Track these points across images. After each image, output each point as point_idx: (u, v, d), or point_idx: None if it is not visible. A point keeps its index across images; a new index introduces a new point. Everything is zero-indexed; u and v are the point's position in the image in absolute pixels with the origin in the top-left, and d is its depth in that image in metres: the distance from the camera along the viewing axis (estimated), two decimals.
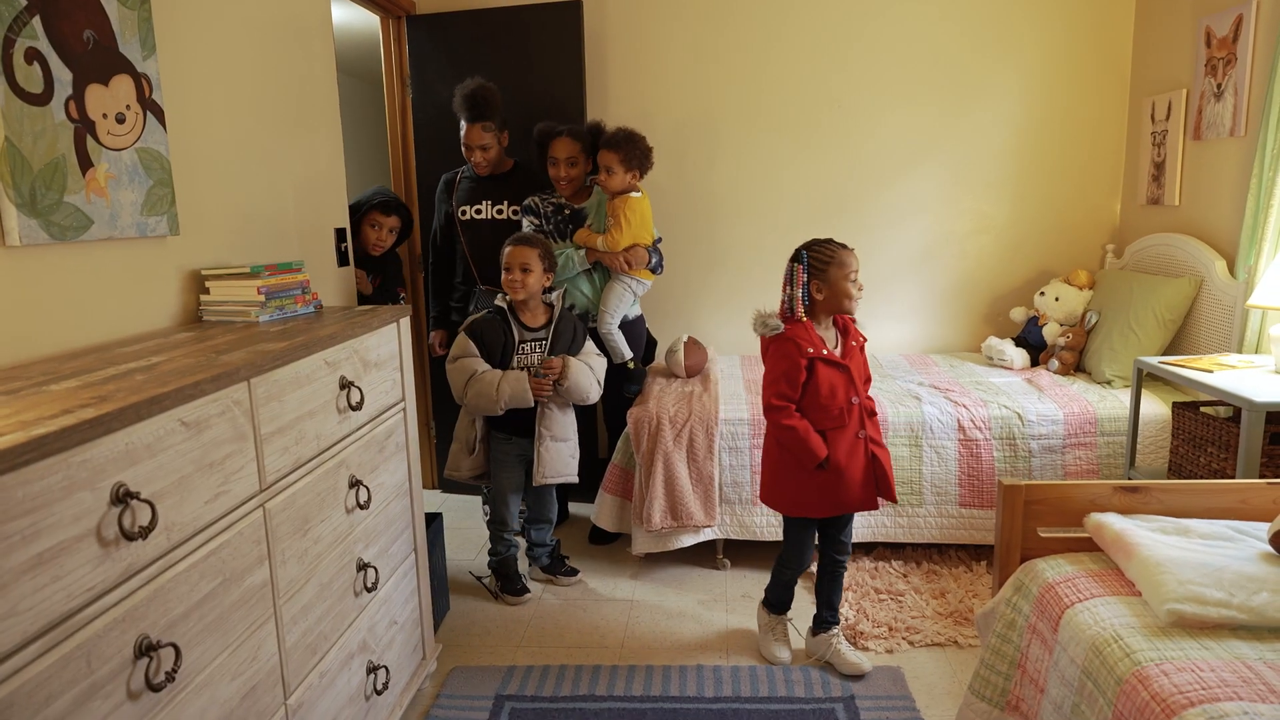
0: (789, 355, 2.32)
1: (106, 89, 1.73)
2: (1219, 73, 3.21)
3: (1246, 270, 2.90)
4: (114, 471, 1.18)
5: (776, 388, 2.34)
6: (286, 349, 1.65)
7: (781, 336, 2.34)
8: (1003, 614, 1.89)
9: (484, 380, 2.77)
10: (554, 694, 2.40)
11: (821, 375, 2.32)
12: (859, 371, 2.41)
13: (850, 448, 2.35)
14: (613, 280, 3.31)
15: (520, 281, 2.81)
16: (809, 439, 2.31)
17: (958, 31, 3.89)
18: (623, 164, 3.18)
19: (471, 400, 2.79)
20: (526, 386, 2.78)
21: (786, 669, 2.49)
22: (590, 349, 3.01)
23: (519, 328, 2.88)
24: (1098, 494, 1.91)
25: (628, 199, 3.21)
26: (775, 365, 2.35)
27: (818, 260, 2.34)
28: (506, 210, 3.44)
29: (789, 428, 2.31)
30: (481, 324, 2.87)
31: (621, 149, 3.18)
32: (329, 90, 2.72)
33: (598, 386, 2.95)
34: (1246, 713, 1.29)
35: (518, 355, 2.87)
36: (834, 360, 2.34)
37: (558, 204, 3.30)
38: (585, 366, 2.90)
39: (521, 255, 2.81)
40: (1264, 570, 1.61)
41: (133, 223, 1.80)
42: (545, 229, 3.27)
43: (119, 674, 1.19)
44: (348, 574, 1.91)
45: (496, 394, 2.75)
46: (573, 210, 3.30)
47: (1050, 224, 4.02)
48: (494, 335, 2.85)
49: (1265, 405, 2.27)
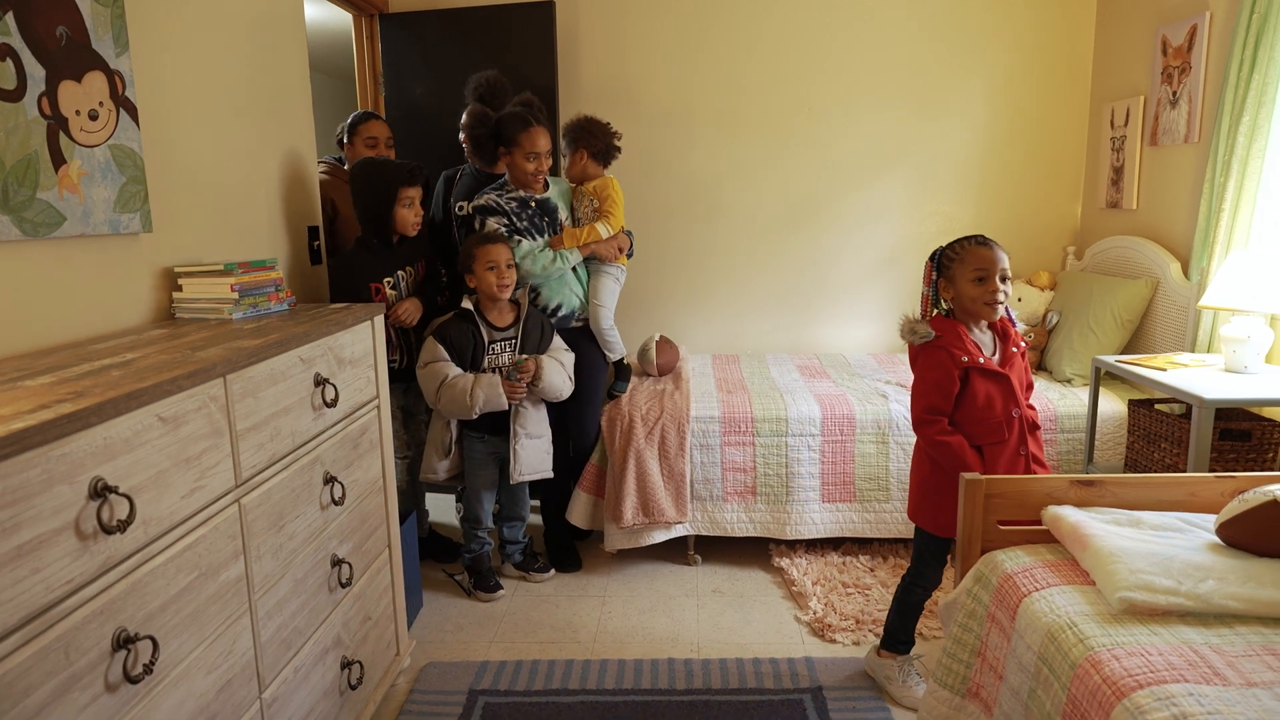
0: (941, 364, 2.11)
1: (79, 85, 1.73)
2: (1175, 80, 3.31)
3: (1199, 272, 2.99)
4: (92, 466, 1.19)
5: (927, 400, 2.13)
6: (262, 346, 1.66)
7: (932, 344, 2.13)
8: (964, 604, 1.94)
9: (456, 386, 2.76)
10: (527, 688, 2.43)
11: (977, 385, 2.11)
12: (1020, 380, 2.19)
13: (1010, 464, 2.14)
14: (598, 273, 3.19)
15: (509, 280, 2.81)
16: (964, 455, 2.10)
17: (926, 39, 3.97)
18: (592, 156, 3.13)
19: (445, 405, 2.79)
20: (500, 391, 2.78)
21: (756, 661, 2.54)
22: (559, 345, 3.02)
23: (487, 328, 2.87)
24: (1055, 488, 1.98)
25: (609, 180, 3.14)
26: (925, 375, 2.14)
27: (946, 257, 2.15)
28: None
29: (942, 444, 2.11)
30: (449, 327, 2.84)
31: (596, 139, 3.11)
32: (302, 88, 2.72)
33: (569, 382, 2.97)
34: (1191, 694, 1.35)
35: (488, 356, 2.86)
36: (991, 369, 2.12)
37: (521, 199, 3.03)
38: (557, 364, 2.91)
39: (504, 253, 2.81)
40: (1210, 559, 1.67)
41: (106, 220, 1.80)
42: (517, 227, 3.01)
43: (97, 666, 1.20)
44: (322, 570, 1.93)
45: (470, 400, 2.75)
46: (539, 203, 3.06)
47: (1013, 226, 4.11)
48: (462, 338, 2.83)
49: (1214, 402, 2.36)
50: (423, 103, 3.77)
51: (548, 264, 3.02)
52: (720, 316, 4.27)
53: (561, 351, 2.99)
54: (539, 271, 3.01)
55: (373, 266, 2.77)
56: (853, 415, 3.14)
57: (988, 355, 2.16)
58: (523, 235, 3.00)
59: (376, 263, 2.78)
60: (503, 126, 2.97)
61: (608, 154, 3.16)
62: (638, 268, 4.06)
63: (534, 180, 3.02)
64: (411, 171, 2.77)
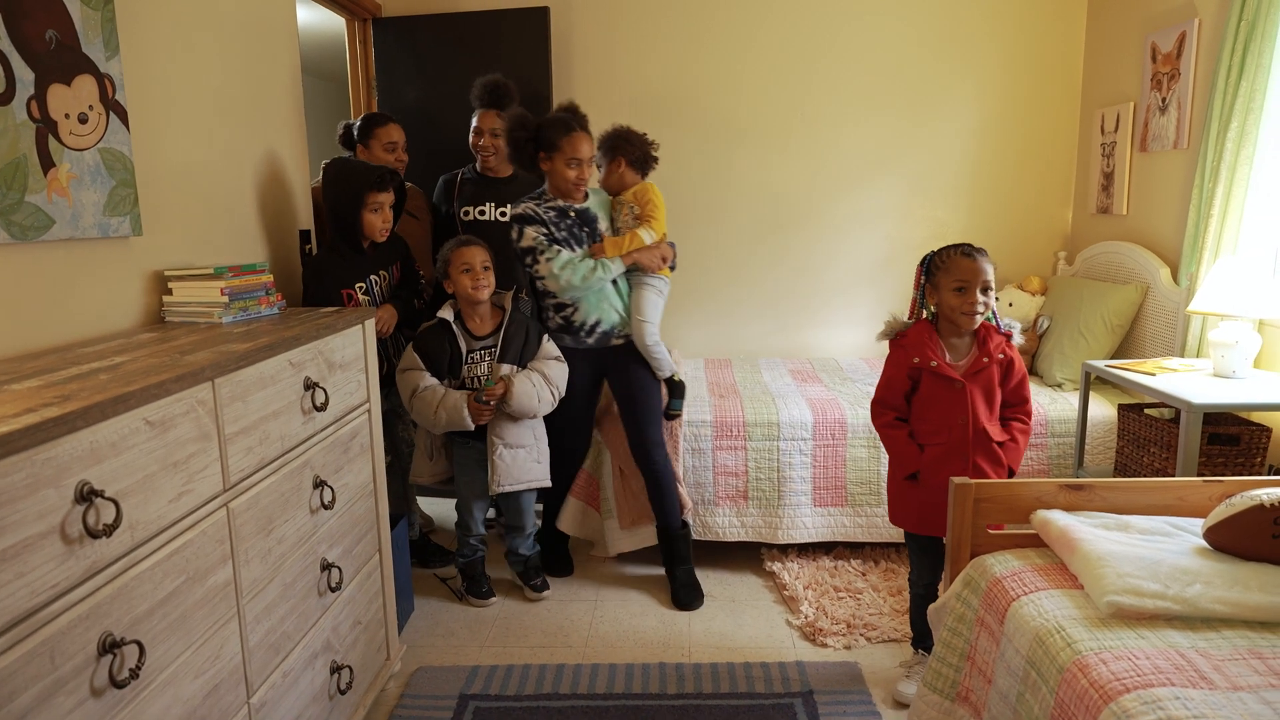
0: (895, 361, 2.27)
1: (69, 89, 1.73)
2: (1164, 87, 3.33)
3: (1188, 277, 3.01)
4: (78, 470, 1.19)
5: (879, 392, 2.32)
6: (251, 350, 1.66)
7: (893, 342, 2.29)
8: (953, 608, 1.95)
9: (423, 399, 2.70)
10: (518, 693, 2.42)
11: (925, 387, 2.22)
12: (985, 390, 2.23)
13: (941, 465, 2.22)
14: (640, 286, 2.96)
15: (486, 282, 2.76)
16: (903, 449, 2.25)
17: (918, 45, 3.99)
18: (630, 164, 2.97)
19: (415, 416, 2.77)
20: (464, 414, 2.69)
21: (747, 665, 2.54)
22: (548, 353, 2.88)
23: (466, 337, 2.79)
24: (1044, 492, 1.98)
25: (649, 185, 2.98)
26: (884, 370, 2.32)
27: (933, 264, 2.23)
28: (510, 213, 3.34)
29: (883, 433, 2.31)
30: (425, 337, 2.78)
31: (634, 146, 2.96)
32: (293, 91, 2.72)
33: (551, 398, 2.83)
34: (1178, 697, 1.35)
35: (466, 365, 2.78)
36: (945, 374, 2.20)
37: (559, 208, 2.85)
38: (529, 384, 2.77)
39: (479, 255, 2.75)
40: (1198, 563, 1.68)
41: (95, 223, 1.80)
42: (556, 236, 2.81)
43: (83, 670, 1.20)
44: (312, 574, 1.92)
45: (434, 417, 2.70)
46: (578, 213, 2.87)
47: (1004, 232, 4.13)
48: (437, 348, 2.75)
49: (1203, 407, 2.37)
50: (416, 107, 3.77)
51: (588, 274, 2.81)
52: (713, 320, 4.27)
53: (549, 362, 2.86)
54: (579, 282, 2.81)
55: (344, 272, 2.66)
56: (844, 420, 3.14)
57: (954, 361, 2.24)
58: (561, 246, 2.82)
59: (347, 268, 2.67)
60: (544, 131, 2.80)
61: (645, 162, 3.00)
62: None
63: (575, 188, 2.83)
64: (381, 176, 2.65)
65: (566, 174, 2.80)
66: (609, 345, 2.96)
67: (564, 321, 2.93)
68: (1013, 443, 2.28)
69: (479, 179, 3.32)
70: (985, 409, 2.24)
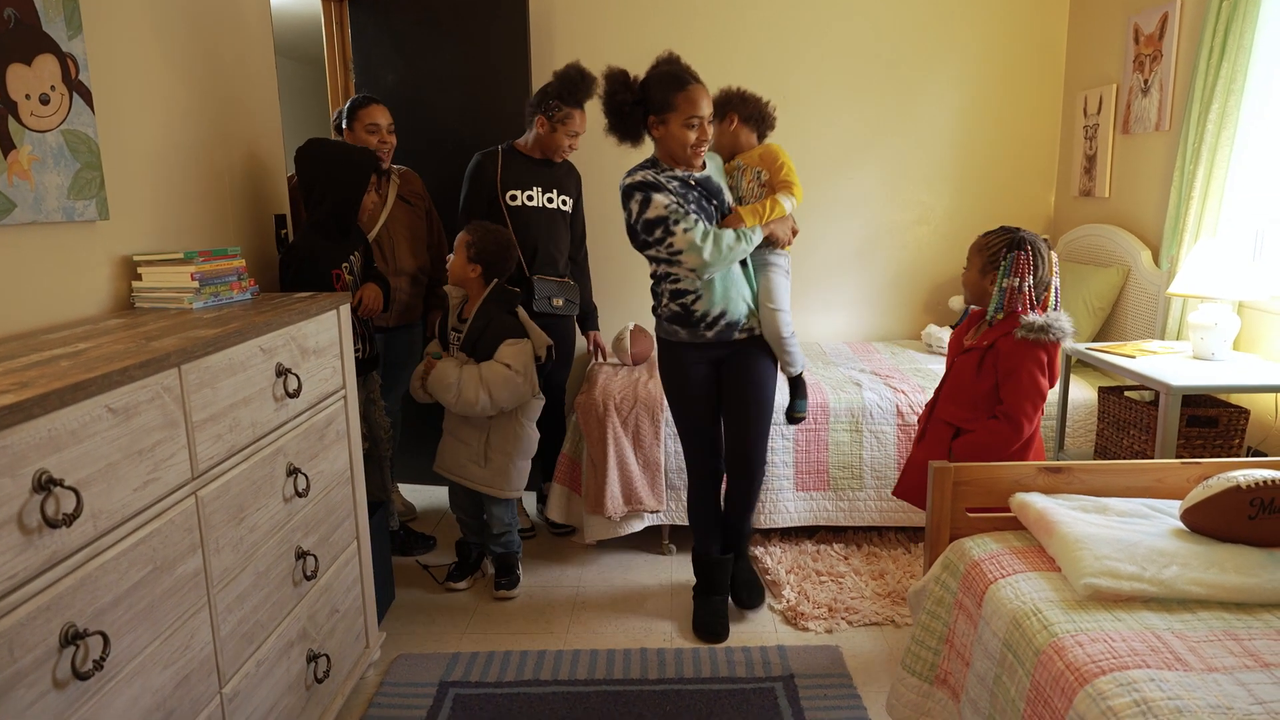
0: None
1: (29, 69, 1.68)
2: (1146, 69, 3.32)
3: (1169, 260, 3.01)
4: (36, 458, 1.16)
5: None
6: (220, 335, 1.63)
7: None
8: (932, 591, 1.95)
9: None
10: (499, 679, 2.41)
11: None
12: (955, 378, 2.30)
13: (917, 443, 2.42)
14: (767, 268, 2.58)
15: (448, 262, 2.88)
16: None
17: (900, 28, 3.96)
18: (744, 121, 2.63)
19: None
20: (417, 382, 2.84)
21: (729, 649, 2.54)
22: (500, 356, 2.74)
23: (456, 317, 2.90)
24: (1023, 475, 1.98)
25: (773, 145, 2.61)
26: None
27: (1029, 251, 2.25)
28: (557, 199, 3.20)
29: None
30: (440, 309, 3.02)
31: (746, 103, 2.63)
32: (267, 73, 2.67)
33: (475, 400, 2.69)
34: (1153, 679, 1.35)
35: (452, 343, 2.88)
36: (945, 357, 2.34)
37: (680, 178, 2.45)
38: (451, 377, 2.71)
39: (458, 239, 2.83)
40: (1175, 545, 1.68)
41: (59, 206, 1.76)
42: (685, 209, 2.42)
43: (44, 663, 1.17)
44: (286, 562, 1.90)
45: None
46: (699, 182, 2.47)
47: (988, 215, 4.12)
48: (444, 320, 2.94)
49: (1182, 389, 2.37)
50: (394, 89, 3.72)
51: (732, 244, 2.41)
52: None
53: (494, 365, 2.73)
54: (723, 255, 2.40)
55: (333, 253, 2.63)
56: (827, 404, 3.13)
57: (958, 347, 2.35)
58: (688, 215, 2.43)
59: (336, 249, 2.64)
60: (652, 89, 2.40)
61: (763, 119, 2.63)
62: (612, 257, 4.02)
63: (694, 153, 2.42)
64: (377, 158, 2.74)
65: (685, 137, 2.39)
66: (731, 339, 2.55)
67: (681, 310, 2.51)
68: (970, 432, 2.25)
69: (527, 159, 3.15)
70: (953, 389, 2.31)
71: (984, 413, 2.23)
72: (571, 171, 3.29)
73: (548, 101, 3.02)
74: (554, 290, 3.19)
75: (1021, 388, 2.16)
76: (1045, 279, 2.21)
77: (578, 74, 2.95)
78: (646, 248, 2.47)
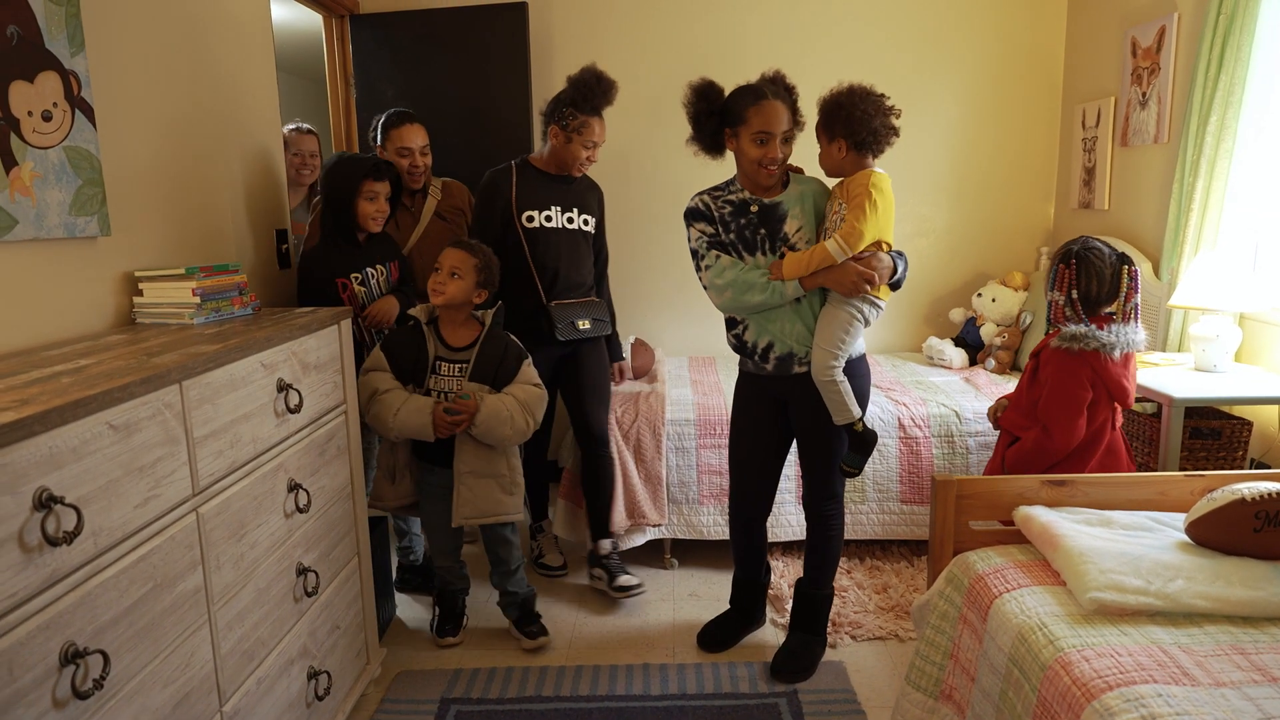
0: None
1: (32, 86, 1.69)
2: (1144, 81, 3.33)
3: (1169, 272, 3.01)
4: (36, 476, 1.15)
5: None
6: (221, 351, 1.63)
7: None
8: (936, 606, 1.94)
9: (383, 402, 2.39)
10: (500, 696, 2.40)
11: None
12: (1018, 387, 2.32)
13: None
14: (835, 305, 2.27)
15: (443, 286, 2.46)
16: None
17: (898, 41, 3.98)
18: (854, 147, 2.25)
19: (370, 421, 2.43)
20: (428, 420, 2.38)
21: (732, 665, 2.52)
22: (527, 377, 2.54)
23: (437, 343, 2.52)
24: (1026, 488, 1.98)
25: (870, 174, 2.23)
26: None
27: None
28: (578, 219, 2.89)
29: None
30: (395, 335, 2.54)
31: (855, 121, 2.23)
32: (268, 89, 2.68)
33: (525, 427, 2.47)
34: (1160, 695, 1.34)
35: (434, 376, 2.48)
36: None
37: (740, 202, 2.32)
38: (504, 408, 2.43)
39: (454, 258, 2.47)
40: (1180, 558, 1.68)
41: (61, 223, 1.76)
42: (723, 239, 2.31)
43: (44, 682, 1.16)
44: (287, 579, 1.89)
45: (392, 420, 2.38)
46: (762, 209, 2.31)
47: (987, 228, 4.13)
48: (405, 350, 2.49)
49: (1184, 401, 2.37)
50: (394, 104, 3.73)
51: (754, 295, 2.24)
52: (696, 319, 4.25)
53: (527, 387, 2.51)
54: (742, 307, 2.28)
55: (338, 262, 2.60)
56: None
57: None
58: (725, 251, 2.30)
59: (342, 258, 2.61)
60: (731, 99, 2.28)
61: (877, 140, 2.25)
62: (615, 270, 4.02)
63: (763, 173, 2.26)
64: (378, 165, 2.60)
65: (751, 154, 2.23)
66: (792, 373, 2.35)
67: (735, 340, 2.40)
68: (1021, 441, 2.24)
69: (542, 176, 2.84)
70: (1016, 397, 2.32)
71: (1034, 421, 2.21)
72: (593, 188, 2.99)
73: (562, 109, 2.74)
74: (577, 313, 2.88)
75: (1053, 396, 2.14)
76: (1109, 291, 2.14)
77: (594, 78, 2.72)
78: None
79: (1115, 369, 2.11)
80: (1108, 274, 2.15)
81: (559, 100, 2.77)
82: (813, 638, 2.52)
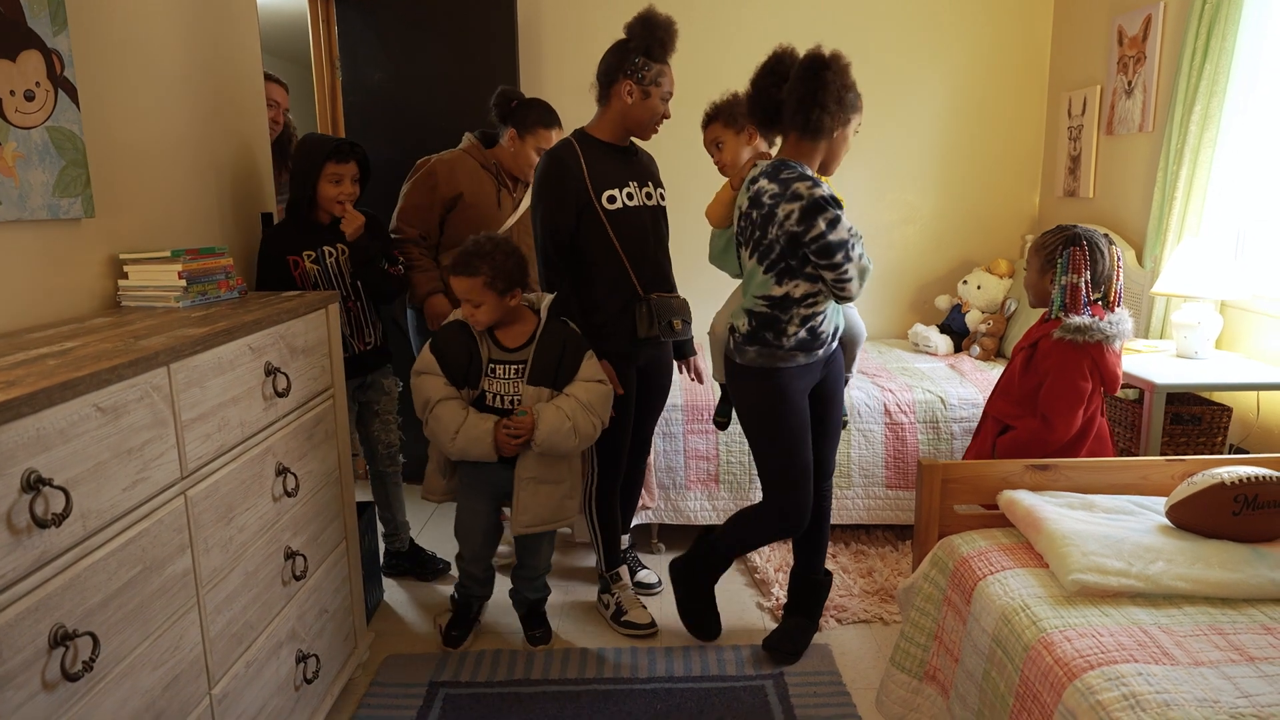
0: None
1: (14, 65, 1.66)
2: (1130, 70, 3.35)
3: (1153, 260, 3.04)
4: (24, 458, 1.15)
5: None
6: (208, 334, 1.62)
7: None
8: (921, 588, 1.96)
9: (440, 420, 2.31)
10: (489, 679, 2.41)
11: None
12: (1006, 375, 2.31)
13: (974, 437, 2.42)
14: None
15: (473, 317, 2.35)
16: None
17: (886, 29, 3.98)
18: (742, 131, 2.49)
19: (429, 435, 2.36)
20: (490, 445, 2.28)
21: (719, 648, 2.54)
22: (589, 374, 2.37)
23: (491, 345, 2.39)
24: (1010, 472, 2.00)
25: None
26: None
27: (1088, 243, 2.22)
28: (655, 194, 2.59)
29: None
30: (445, 334, 2.40)
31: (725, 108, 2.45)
32: (254, 71, 2.66)
33: (591, 430, 2.33)
34: (1140, 673, 1.37)
35: (487, 378, 2.37)
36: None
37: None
38: (564, 421, 2.29)
39: (462, 288, 2.32)
40: (1160, 541, 1.70)
41: (44, 204, 1.74)
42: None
43: (33, 664, 1.16)
44: (275, 562, 1.89)
45: (451, 446, 2.30)
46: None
47: (973, 215, 4.15)
48: (457, 351, 2.36)
49: (1166, 387, 2.40)
50: (380, 88, 3.71)
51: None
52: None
53: (591, 385, 2.36)
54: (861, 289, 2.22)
55: (293, 239, 2.54)
56: None
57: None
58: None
59: (297, 235, 2.54)
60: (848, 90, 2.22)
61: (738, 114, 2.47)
62: None
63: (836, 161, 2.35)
64: (340, 146, 2.52)
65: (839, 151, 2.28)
66: (831, 353, 2.35)
67: (809, 335, 2.22)
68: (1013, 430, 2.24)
69: (606, 148, 2.47)
70: (1004, 385, 2.31)
71: (1029, 410, 2.22)
72: (651, 159, 2.69)
73: (633, 60, 2.39)
74: (673, 310, 2.52)
75: (1056, 388, 2.14)
76: (1106, 274, 2.17)
77: (662, 19, 2.40)
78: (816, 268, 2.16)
79: (1112, 358, 2.14)
80: (1109, 255, 2.18)
81: (626, 50, 2.40)
82: (809, 622, 2.55)
